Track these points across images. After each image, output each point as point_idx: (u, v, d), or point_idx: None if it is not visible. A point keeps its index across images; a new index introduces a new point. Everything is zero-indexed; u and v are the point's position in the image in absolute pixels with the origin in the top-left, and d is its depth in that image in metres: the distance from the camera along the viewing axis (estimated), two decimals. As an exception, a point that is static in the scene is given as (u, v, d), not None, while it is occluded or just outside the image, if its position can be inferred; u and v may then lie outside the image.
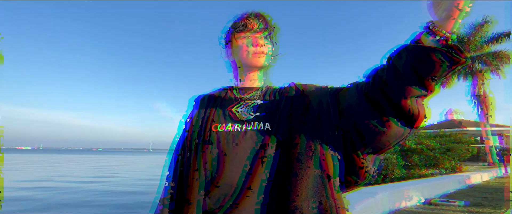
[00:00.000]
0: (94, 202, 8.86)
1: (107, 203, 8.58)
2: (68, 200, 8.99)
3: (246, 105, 0.77)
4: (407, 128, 0.57)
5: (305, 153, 0.62)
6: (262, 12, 0.82)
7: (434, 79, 0.51)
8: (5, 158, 38.87)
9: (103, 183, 13.88)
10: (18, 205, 7.81)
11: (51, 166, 25.95)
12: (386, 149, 0.61)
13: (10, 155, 54.58)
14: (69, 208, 7.56)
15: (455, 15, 0.47)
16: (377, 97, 0.58)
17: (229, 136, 0.69)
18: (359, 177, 0.63)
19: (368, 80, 0.62)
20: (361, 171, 0.62)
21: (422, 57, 0.50)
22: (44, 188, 11.09)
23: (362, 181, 0.64)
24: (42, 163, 30.58)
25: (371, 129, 0.58)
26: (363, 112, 0.60)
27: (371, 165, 0.63)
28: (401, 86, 0.53)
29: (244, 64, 0.82)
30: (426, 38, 0.51)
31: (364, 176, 0.63)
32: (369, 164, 0.62)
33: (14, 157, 42.66)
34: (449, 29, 0.48)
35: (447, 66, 0.49)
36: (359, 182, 0.64)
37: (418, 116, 0.55)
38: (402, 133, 0.58)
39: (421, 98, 0.55)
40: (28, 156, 53.01)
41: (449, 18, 0.47)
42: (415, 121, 0.56)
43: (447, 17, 0.47)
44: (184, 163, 0.70)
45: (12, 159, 37.83)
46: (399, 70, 0.53)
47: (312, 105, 0.70)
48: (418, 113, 0.55)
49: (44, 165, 25.54)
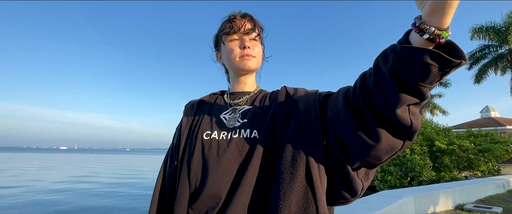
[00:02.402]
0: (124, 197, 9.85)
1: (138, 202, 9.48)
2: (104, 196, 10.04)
3: (234, 112, 0.74)
4: (400, 140, 0.50)
5: (290, 164, 0.57)
6: (249, 13, 0.78)
7: (424, 86, 0.43)
8: (52, 157, 42.83)
9: (133, 181, 14.99)
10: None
11: (87, 165, 28.68)
12: (379, 163, 0.54)
13: (55, 155, 59.79)
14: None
15: (441, 7, 0.39)
16: (360, 106, 0.51)
17: (214, 145, 0.66)
18: (348, 193, 0.56)
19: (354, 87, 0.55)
20: (349, 186, 0.56)
21: (407, 60, 0.43)
22: (80, 186, 13.03)
23: (351, 198, 0.57)
24: (79, 162, 33.66)
25: (357, 142, 0.52)
26: (347, 123, 0.54)
27: (362, 180, 0.56)
28: (387, 94, 0.46)
29: (233, 68, 0.79)
30: (414, 36, 0.44)
31: (352, 192, 0.56)
32: (357, 180, 0.55)
33: (59, 157, 46.83)
34: (439, 24, 0.40)
35: (438, 69, 0.41)
36: (348, 198, 0.57)
37: (410, 127, 0.48)
38: (396, 146, 0.50)
39: (413, 106, 0.48)
40: (67, 155, 57.88)
41: (434, 10, 0.39)
42: (408, 132, 0.49)
43: (433, 10, 0.39)
44: (171, 173, 0.69)
45: (59, 159, 41.39)
46: (385, 76, 0.46)
47: (297, 112, 0.65)
48: (410, 124, 0.47)
49: (81, 164, 28.09)
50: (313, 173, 0.55)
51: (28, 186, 13.41)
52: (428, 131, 10.65)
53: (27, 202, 9.72)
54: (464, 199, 5.19)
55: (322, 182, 0.56)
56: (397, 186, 9.46)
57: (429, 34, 0.41)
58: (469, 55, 15.90)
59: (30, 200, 9.98)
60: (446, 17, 0.39)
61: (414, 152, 9.79)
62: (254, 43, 0.77)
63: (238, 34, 0.76)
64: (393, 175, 9.70)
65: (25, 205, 9.28)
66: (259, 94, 0.80)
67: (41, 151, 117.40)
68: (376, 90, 0.48)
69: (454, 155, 9.79)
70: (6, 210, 8.61)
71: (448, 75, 0.43)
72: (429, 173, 9.22)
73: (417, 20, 0.42)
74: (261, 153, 0.61)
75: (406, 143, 0.51)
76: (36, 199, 10.22)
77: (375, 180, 10.23)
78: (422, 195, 4.30)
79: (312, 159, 0.57)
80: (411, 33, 0.44)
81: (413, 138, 0.50)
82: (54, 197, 10.60)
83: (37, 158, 44.05)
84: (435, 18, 0.40)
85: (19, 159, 38.30)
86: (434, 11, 0.39)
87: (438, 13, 0.39)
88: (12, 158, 40.85)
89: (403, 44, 0.44)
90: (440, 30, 0.41)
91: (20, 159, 39.69)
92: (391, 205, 3.28)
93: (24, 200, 10.04)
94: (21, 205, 9.28)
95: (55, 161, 36.15)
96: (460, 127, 15.50)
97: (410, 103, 0.46)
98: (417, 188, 5.15)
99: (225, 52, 0.78)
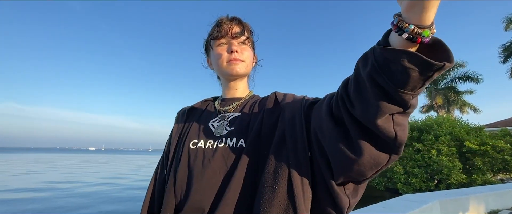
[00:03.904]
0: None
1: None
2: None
3: (223, 119, 0.71)
4: (386, 154, 0.44)
5: (272, 177, 0.53)
6: (238, 16, 0.75)
7: (405, 93, 0.38)
8: (87, 158, 46.19)
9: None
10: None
11: (115, 164, 30.84)
12: (365, 179, 0.49)
13: (93, 156, 64.37)
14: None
15: (419, 1, 0.33)
16: (341, 115, 0.46)
17: (200, 154, 0.64)
18: (334, 210, 0.51)
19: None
20: (334, 203, 0.50)
21: (385, 64, 0.37)
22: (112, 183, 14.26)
23: None
24: (109, 162, 36.16)
25: (339, 155, 0.47)
26: (328, 134, 0.49)
27: (349, 197, 0.51)
28: (366, 103, 0.41)
29: (221, 73, 0.77)
30: (393, 36, 0.38)
31: (338, 209, 0.51)
32: (343, 196, 0.50)
33: (98, 157, 50.62)
34: (419, 21, 0.35)
35: (419, 74, 0.36)
36: None
37: (395, 139, 0.42)
38: (381, 160, 0.45)
39: (398, 115, 0.42)
40: (97, 156, 62.19)
41: (412, 5, 0.34)
42: (393, 145, 0.43)
43: (411, 5, 0.34)
44: (161, 181, 0.68)
45: (98, 159, 44.63)
46: (364, 82, 0.41)
47: (283, 121, 0.61)
48: (395, 136, 0.42)
49: (111, 165, 30.23)
50: (295, 187, 0.51)
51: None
52: (457, 130, 9.91)
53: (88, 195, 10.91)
54: (499, 205, 4.75)
55: (306, 197, 0.52)
56: (422, 189, 8.93)
57: (408, 33, 0.35)
58: (503, 47, 14.68)
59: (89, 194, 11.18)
60: (427, 13, 0.34)
61: (441, 153, 9.17)
62: (243, 47, 0.75)
63: (226, 38, 0.73)
64: (417, 177, 9.18)
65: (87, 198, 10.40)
66: (250, 101, 0.77)
67: (73, 152, 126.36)
68: (356, 99, 0.43)
69: (487, 156, 9.03)
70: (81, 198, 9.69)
71: (432, 79, 0.37)
72: (459, 175, 8.59)
73: (396, 18, 0.37)
74: (246, 164, 0.58)
75: (393, 157, 0.45)
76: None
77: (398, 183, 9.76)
78: (449, 200, 3.97)
79: (295, 172, 0.52)
80: (391, 33, 0.38)
81: (399, 152, 0.44)
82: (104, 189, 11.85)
83: (83, 158, 47.82)
84: (414, 14, 0.34)
85: (63, 159, 41.74)
86: (412, 5, 0.34)
87: (416, 8, 0.34)
88: (53, 158, 44.26)
89: (382, 46, 0.38)
90: (421, 28, 0.35)
91: (63, 158, 43.21)
92: (414, 210, 3.06)
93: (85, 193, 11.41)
94: (89, 197, 10.49)
95: (97, 160, 39.14)
96: (494, 126, 14.26)
97: (393, 113, 0.41)
98: (445, 192, 4.78)
99: (213, 57, 0.76)
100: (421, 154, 9.64)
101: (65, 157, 48.72)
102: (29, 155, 53.53)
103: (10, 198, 9.84)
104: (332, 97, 0.52)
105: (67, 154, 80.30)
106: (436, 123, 10.32)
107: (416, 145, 9.96)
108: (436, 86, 17.31)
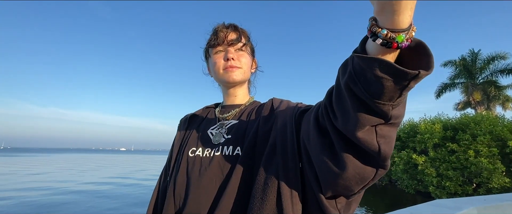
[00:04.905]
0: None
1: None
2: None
3: (221, 127, 0.71)
4: (372, 168, 0.40)
5: (262, 189, 0.52)
6: (234, 23, 0.75)
7: (382, 104, 0.34)
8: (120, 158, 50.06)
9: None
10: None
11: (141, 164, 32.58)
12: (353, 194, 0.45)
13: (120, 156, 69.48)
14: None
15: (388, 2, 0.28)
16: (325, 125, 0.43)
17: (197, 162, 0.65)
18: None
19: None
20: None
21: (361, 72, 0.34)
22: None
23: None
24: (138, 161, 38.22)
25: (324, 168, 0.44)
26: (314, 145, 0.46)
27: (341, 211, 0.47)
28: (346, 113, 0.38)
29: (219, 81, 0.77)
30: (369, 42, 0.34)
31: None
32: (333, 211, 0.47)
33: (135, 157, 54.87)
34: (392, 24, 0.30)
35: (393, 83, 0.32)
36: None
37: (378, 153, 0.38)
38: (366, 175, 0.41)
39: (383, 127, 0.38)
40: (129, 156, 66.88)
41: (383, 7, 0.30)
42: (378, 159, 0.39)
43: (381, 7, 0.30)
44: (164, 188, 0.69)
45: (136, 159, 48.24)
46: (342, 90, 0.38)
47: (275, 130, 0.59)
48: (378, 149, 0.37)
49: (138, 165, 32.03)
50: (283, 201, 0.49)
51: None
52: (499, 129, 8.94)
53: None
54: (551, 214, 4.20)
55: (295, 211, 0.49)
56: (458, 193, 8.23)
57: (381, 38, 0.31)
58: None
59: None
60: (399, 16, 0.29)
61: (480, 154, 8.38)
62: (240, 53, 0.74)
63: (223, 45, 0.73)
64: (452, 181, 8.48)
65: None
66: (249, 107, 0.76)
67: (107, 152, 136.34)
68: (338, 109, 0.40)
69: (536, 157, 8.09)
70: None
71: (409, 88, 0.33)
72: (501, 179, 7.79)
73: (370, 21, 0.33)
74: (241, 173, 0.57)
75: (380, 172, 0.41)
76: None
77: (430, 186, 9.10)
78: (489, 207, 3.57)
79: (284, 185, 0.50)
80: (369, 39, 0.34)
81: (386, 167, 0.40)
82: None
83: (118, 158, 51.87)
84: (386, 17, 0.30)
85: (98, 158, 45.38)
86: (382, 8, 0.30)
87: (387, 11, 0.30)
88: (94, 158, 48.11)
89: (356, 53, 0.35)
90: (396, 32, 0.31)
91: (99, 158, 46.98)
92: (446, 217, 2.80)
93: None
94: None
95: (138, 160, 42.41)
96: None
97: (374, 124, 0.37)
98: (484, 197, 4.31)
99: (211, 65, 0.77)
100: (456, 155, 8.91)
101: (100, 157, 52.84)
102: (72, 155, 58.61)
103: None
104: (320, 106, 0.49)
105: (101, 154, 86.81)
106: (474, 121, 9.45)
107: (450, 145, 9.22)
108: (472, 80, 15.84)
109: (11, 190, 10.70)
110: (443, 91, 16.79)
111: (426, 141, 9.84)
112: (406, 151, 10.68)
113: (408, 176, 10.41)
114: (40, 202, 8.59)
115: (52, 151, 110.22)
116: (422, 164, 9.58)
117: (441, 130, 9.87)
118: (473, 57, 15.47)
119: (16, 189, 10.92)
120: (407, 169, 10.38)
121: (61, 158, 43.42)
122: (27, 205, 8.25)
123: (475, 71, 15.60)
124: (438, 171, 9.10)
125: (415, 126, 11.46)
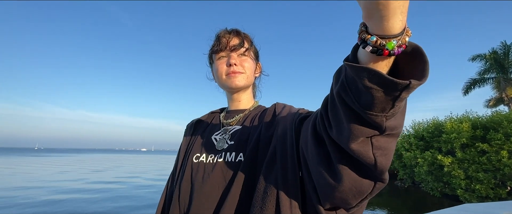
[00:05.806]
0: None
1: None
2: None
3: (225, 133, 0.71)
4: (370, 181, 0.38)
5: (261, 198, 0.51)
6: (237, 28, 0.75)
7: (375, 115, 0.32)
8: (142, 158, 52.38)
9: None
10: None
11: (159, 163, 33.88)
12: (351, 208, 0.43)
13: (142, 155, 72.65)
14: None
15: (376, 8, 0.26)
16: (322, 135, 0.42)
17: (201, 168, 0.65)
18: None
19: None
20: None
21: (353, 81, 0.32)
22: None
23: None
24: (158, 161, 39.94)
25: (320, 179, 0.42)
26: (311, 155, 0.44)
27: None
28: (340, 124, 0.36)
29: (222, 86, 0.77)
30: (360, 50, 0.32)
31: None
32: None
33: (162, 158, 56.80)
34: (381, 30, 0.28)
35: (383, 94, 0.29)
36: None
37: (375, 165, 0.36)
38: (364, 188, 0.39)
39: (380, 138, 0.35)
40: (151, 156, 69.77)
41: (370, 12, 0.27)
42: (375, 172, 0.37)
43: (369, 12, 0.27)
44: (171, 193, 0.70)
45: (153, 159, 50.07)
46: (335, 99, 0.36)
47: (276, 137, 0.58)
48: (374, 161, 0.35)
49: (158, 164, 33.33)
50: (282, 211, 0.48)
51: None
52: (536, 127, 8.25)
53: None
54: None
55: None
56: (490, 197, 7.67)
57: (371, 45, 0.29)
58: None
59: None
60: (389, 21, 0.27)
61: (515, 155, 7.75)
62: (243, 58, 0.74)
63: (226, 51, 0.73)
64: (483, 183, 7.91)
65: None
66: (253, 112, 0.76)
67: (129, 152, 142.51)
68: (332, 119, 0.38)
69: None
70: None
71: (402, 99, 0.30)
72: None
73: (360, 27, 0.31)
74: (242, 180, 0.57)
75: (378, 185, 0.39)
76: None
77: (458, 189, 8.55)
78: (525, 213, 3.29)
79: (283, 194, 0.49)
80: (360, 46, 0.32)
81: (384, 180, 0.38)
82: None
83: (146, 158, 54.14)
84: (374, 23, 0.28)
85: (122, 158, 47.77)
86: (370, 13, 0.28)
87: (375, 16, 0.27)
88: (115, 158, 50.68)
89: (346, 62, 0.33)
90: (386, 38, 0.28)
91: (123, 158, 49.45)
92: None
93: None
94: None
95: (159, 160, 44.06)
96: None
97: (369, 136, 0.35)
98: (519, 202, 3.99)
99: (214, 71, 0.77)
100: (487, 156, 8.29)
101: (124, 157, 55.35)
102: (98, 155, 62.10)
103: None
104: (317, 114, 0.47)
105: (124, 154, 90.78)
106: (507, 119, 8.73)
107: (480, 145, 8.60)
108: (505, 75, 14.66)
109: (43, 185, 11.67)
110: (471, 87, 15.71)
111: (453, 140, 9.25)
112: (431, 151, 10.11)
113: (433, 178, 9.86)
114: (73, 198, 9.20)
115: (81, 151, 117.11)
116: (449, 166, 9.02)
117: (469, 129, 9.23)
118: (506, 50, 14.34)
119: (49, 185, 11.82)
120: (432, 171, 9.83)
121: (88, 157, 46.25)
122: (59, 194, 9.27)
123: (507, 65, 14.43)
124: (466, 173, 8.52)
125: (440, 124, 10.84)
